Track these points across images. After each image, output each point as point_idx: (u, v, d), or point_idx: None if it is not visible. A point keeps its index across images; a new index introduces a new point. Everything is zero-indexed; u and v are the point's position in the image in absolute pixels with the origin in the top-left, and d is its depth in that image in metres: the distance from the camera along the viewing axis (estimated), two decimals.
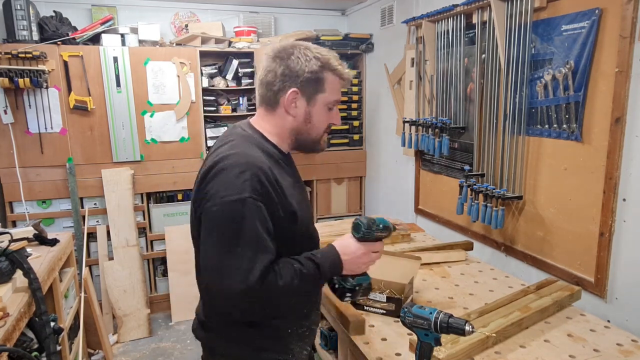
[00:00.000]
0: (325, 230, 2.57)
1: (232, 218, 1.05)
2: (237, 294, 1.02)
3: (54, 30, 3.16)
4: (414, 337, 1.23)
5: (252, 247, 1.04)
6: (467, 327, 1.12)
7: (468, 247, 2.40)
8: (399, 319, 1.38)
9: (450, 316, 1.15)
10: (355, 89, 4.01)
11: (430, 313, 1.16)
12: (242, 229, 1.04)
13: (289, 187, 1.18)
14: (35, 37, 3.09)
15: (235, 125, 1.28)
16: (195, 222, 1.16)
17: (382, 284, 1.67)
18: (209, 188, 1.08)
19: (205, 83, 3.63)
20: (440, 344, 1.19)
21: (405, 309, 1.19)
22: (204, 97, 3.63)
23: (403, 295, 1.66)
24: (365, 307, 1.67)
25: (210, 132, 3.68)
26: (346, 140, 4.05)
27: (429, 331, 1.16)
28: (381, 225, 1.23)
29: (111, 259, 3.38)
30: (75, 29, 3.32)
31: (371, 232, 1.20)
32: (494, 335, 1.43)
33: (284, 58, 1.17)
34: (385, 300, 1.65)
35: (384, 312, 1.66)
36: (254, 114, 1.33)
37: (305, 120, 1.21)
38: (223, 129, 3.72)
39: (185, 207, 3.69)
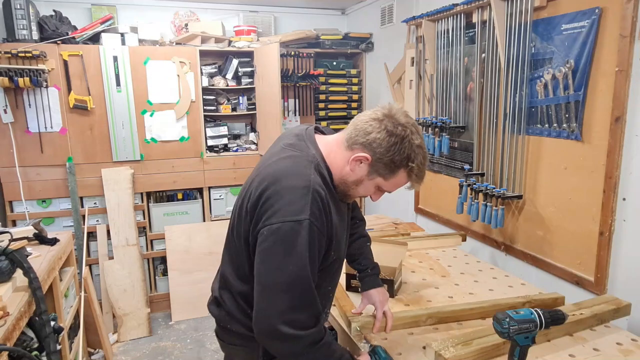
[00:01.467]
0: None
1: (289, 241, 1.08)
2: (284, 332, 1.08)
3: (53, 29, 3.16)
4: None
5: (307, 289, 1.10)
6: (565, 314, 1.19)
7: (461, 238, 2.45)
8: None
9: (544, 311, 1.18)
10: (355, 88, 4.02)
11: (531, 314, 1.17)
12: (299, 255, 1.08)
13: (335, 215, 1.20)
14: (35, 36, 3.09)
15: (301, 136, 1.27)
16: (245, 224, 1.19)
17: None
18: (269, 205, 1.11)
19: (205, 82, 3.63)
20: (535, 342, 1.19)
21: (505, 320, 1.16)
22: (204, 97, 3.63)
23: (394, 277, 1.73)
24: (360, 290, 1.67)
25: (210, 132, 3.68)
26: None
27: (530, 332, 1.16)
28: None
29: (111, 258, 3.38)
30: (75, 28, 3.31)
31: None
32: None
33: (395, 135, 1.14)
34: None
35: None
36: (254, 114, 1.35)
37: (354, 182, 1.21)
38: (223, 128, 3.73)
39: (185, 207, 3.69)
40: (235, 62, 3.71)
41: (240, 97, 3.80)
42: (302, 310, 1.10)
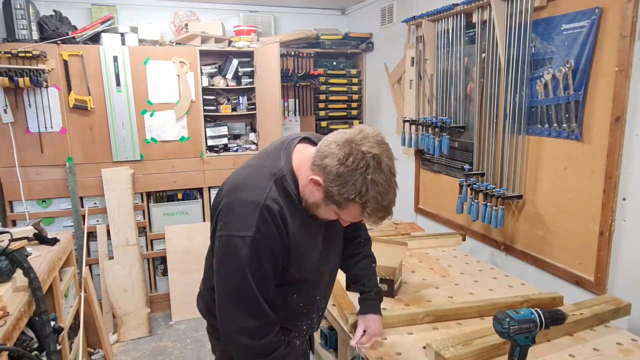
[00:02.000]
0: None
1: (233, 255, 1.11)
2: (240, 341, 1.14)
3: (53, 29, 3.16)
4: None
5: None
6: (565, 314, 1.20)
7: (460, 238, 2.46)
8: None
9: (544, 310, 1.18)
10: (355, 88, 4.02)
11: (532, 314, 1.18)
12: (241, 269, 1.11)
13: (298, 231, 1.16)
14: (35, 36, 3.09)
15: (283, 144, 1.21)
16: (212, 224, 1.22)
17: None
18: (222, 215, 1.14)
19: (205, 82, 3.63)
20: (535, 342, 1.19)
21: (505, 320, 1.15)
22: (204, 97, 3.63)
23: (394, 277, 1.74)
24: (357, 312, 1.67)
25: (210, 132, 3.68)
26: None
27: (530, 332, 1.16)
28: None
29: (111, 258, 3.38)
30: (75, 28, 3.31)
31: None
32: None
33: (345, 166, 1.03)
34: (378, 282, 1.68)
35: None
36: (254, 114, 1.34)
37: (313, 204, 1.14)
38: (223, 128, 3.72)
39: (185, 207, 3.69)
40: (235, 62, 3.71)
41: (240, 97, 3.80)
42: (251, 319, 1.13)
